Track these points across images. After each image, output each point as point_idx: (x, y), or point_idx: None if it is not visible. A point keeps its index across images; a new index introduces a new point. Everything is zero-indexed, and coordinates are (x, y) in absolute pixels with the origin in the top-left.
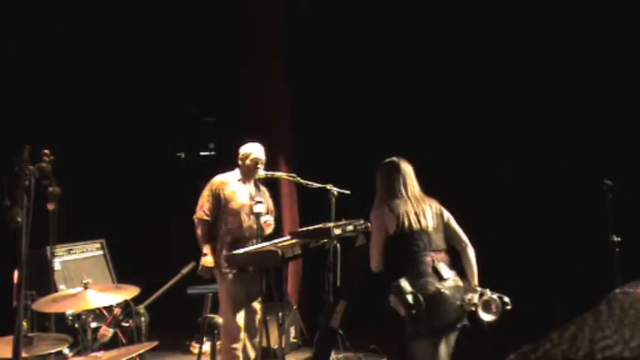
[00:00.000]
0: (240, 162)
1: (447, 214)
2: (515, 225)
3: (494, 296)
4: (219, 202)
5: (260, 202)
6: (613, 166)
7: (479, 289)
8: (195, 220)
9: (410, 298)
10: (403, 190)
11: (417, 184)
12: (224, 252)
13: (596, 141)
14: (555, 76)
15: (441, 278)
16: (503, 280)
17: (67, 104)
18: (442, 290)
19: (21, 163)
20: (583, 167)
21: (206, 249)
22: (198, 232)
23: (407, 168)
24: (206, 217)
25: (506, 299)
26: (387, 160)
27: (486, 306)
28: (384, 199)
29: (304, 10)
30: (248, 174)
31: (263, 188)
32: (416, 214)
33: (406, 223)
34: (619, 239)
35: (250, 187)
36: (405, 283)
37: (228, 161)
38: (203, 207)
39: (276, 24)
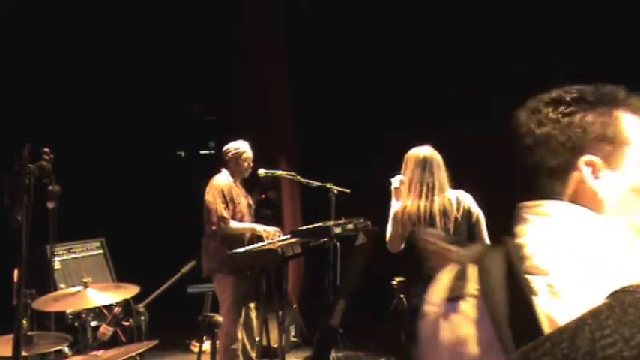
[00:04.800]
0: (232, 162)
1: None
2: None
3: None
4: (229, 207)
5: (250, 204)
6: None
7: None
8: (223, 225)
9: None
10: None
11: None
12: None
13: None
14: (555, 74)
15: None
16: None
17: (68, 103)
18: None
19: (21, 162)
20: None
21: (258, 227)
22: (235, 228)
23: None
24: (229, 217)
25: None
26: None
27: None
28: None
29: (304, 10)
30: (241, 173)
31: None
32: None
33: None
34: None
35: (240, 187)
36: None
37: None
38: (223, 212)
39: (276, 24)
